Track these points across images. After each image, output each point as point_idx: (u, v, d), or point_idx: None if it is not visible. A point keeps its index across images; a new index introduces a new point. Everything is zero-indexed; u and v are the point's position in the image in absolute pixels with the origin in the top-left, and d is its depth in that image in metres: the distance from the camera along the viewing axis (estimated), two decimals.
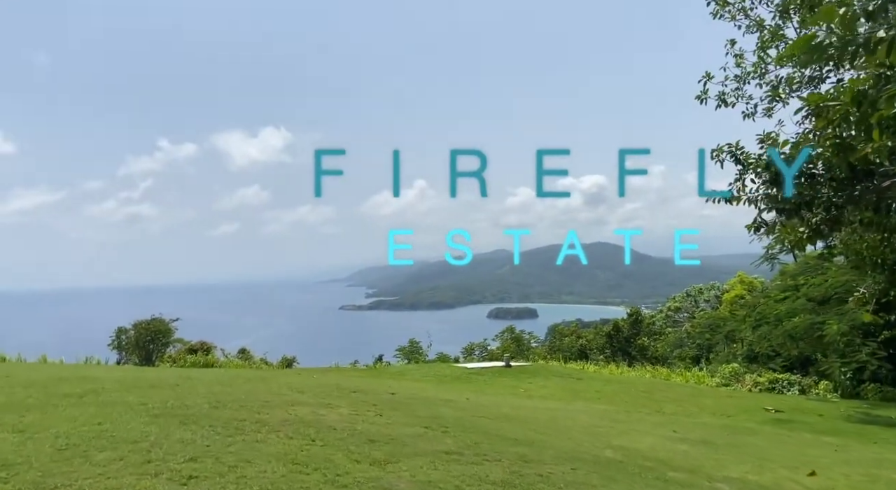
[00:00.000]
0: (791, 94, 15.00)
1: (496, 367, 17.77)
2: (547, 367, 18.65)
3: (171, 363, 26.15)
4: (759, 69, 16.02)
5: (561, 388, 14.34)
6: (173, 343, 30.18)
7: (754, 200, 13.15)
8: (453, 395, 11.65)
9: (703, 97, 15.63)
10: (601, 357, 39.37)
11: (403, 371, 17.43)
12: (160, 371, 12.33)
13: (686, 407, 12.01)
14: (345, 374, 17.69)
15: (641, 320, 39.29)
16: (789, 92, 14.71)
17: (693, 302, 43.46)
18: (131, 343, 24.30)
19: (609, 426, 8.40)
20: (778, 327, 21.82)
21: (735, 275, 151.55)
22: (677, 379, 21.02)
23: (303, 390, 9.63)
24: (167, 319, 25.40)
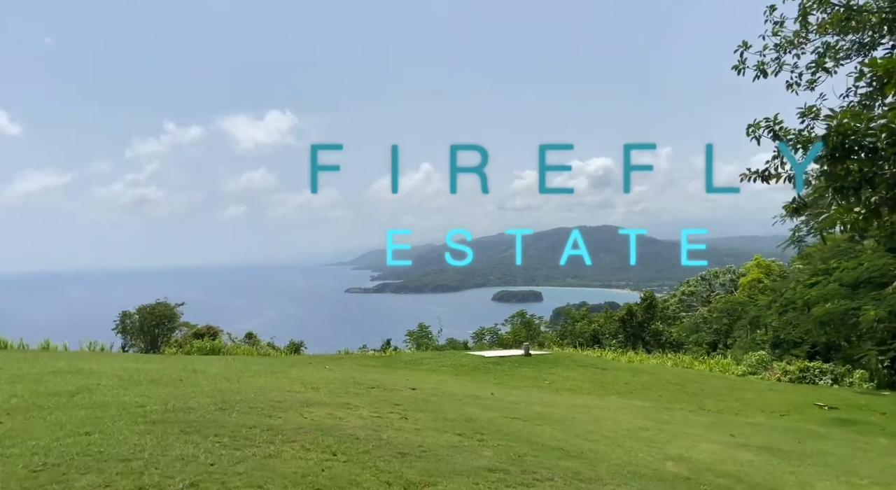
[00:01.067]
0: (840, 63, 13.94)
1: (515, 356, 16.96)
2: (567, 355, 17.85)
3: (177, 348, 25.51)
4: (799, 38, 14.92)
5: (587, 379, 13.53)
6: (179, 327, 29.60)
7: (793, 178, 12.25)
8: (476, 389, 10.84)
9: (741, 67, 14.56)
10: (614, 342, 38.61)
11: (418, 360, 16.63)
12: (163, 363, 11.55)
13: (728, 402, 11.18)
14: (357, 362, 16.90)
15: (656, 305, 38.36)
16: (837, 61, 13.65)
17: (708, 286, 42.48)
18: (135, 328, 23.60)
19: (657, 428, 7.58)
20: (804, 313, 20.92)
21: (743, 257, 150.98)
22: (700, 367, 20.18)
23: (317, 386, 8.81)
24: (172, 304, 24.67)
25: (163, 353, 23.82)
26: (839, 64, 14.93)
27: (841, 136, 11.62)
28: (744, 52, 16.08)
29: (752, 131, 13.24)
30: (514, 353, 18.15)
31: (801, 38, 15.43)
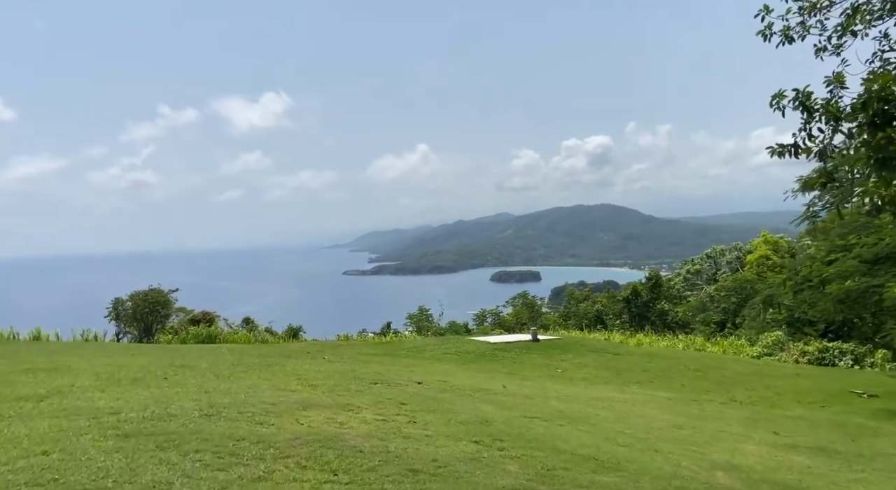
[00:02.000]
0: (871, 25, 13.04)
1: (522, 342, 16.25)
2: (577, 340, 17.13)
3: (172, 335, 24.82)
4: None
5: (601, 366, 12.83)
6: (176, 312, 28.92)
7: (824, 152, 11.51)
8: (486, 381, 10.10)
9: (767, 33, 13.61)
10: (618, 322, 37.97)
11: (421, 347, 15.92)
12: (151, 356, 10.78)
13: (759, 391, 10.50)
14: (357, 350, 16.19)
15: (661, 284, 37.66)
16: (868, 23, 12.75)
17: (713, 264, 41.78)
18: (128, 315, 22.84)
19: (691, 427, 6.85)
20: (821, 291, 20.20)
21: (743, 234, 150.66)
22: (714, 349, 19.53)
23: (315, 383, 8.05)
24: (165, 290, 23.88)
25: (157, 340, 23.11)
26: (870, 26, 13.96)
27: (882, 103, 10.63)
28: (764, 16, 15.08)
29: (777, 102, 12.34)
30: (521, 338, 17.44)
31: None
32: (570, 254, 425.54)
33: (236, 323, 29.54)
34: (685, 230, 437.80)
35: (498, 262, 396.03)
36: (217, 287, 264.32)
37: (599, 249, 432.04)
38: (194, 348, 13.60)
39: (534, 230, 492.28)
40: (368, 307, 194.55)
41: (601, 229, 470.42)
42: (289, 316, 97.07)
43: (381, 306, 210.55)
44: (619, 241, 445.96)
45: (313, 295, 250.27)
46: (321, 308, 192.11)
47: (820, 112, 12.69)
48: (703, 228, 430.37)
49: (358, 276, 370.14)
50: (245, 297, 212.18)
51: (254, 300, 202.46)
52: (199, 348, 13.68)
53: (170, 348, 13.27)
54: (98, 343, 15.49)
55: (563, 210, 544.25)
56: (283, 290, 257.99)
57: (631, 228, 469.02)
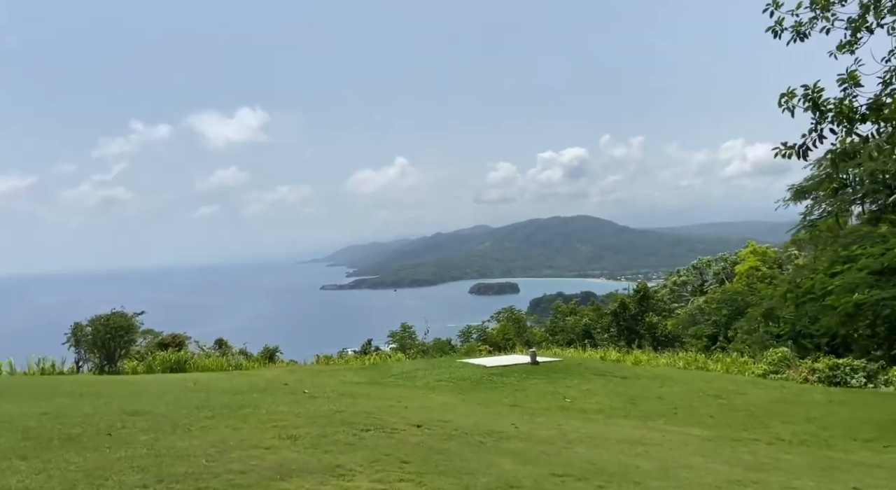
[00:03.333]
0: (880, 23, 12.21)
1: (520, 365, 15.03)
2: (578, 361, 15.93)
3: (138, 361, 23.12)
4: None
5: (612, 393, 11.67)
6: (143, 335, 27.20)
7: (837, 157, 10.59)
8: (492, 419, 8.83)
9: (778, 29, 12.71)
10: (606, 336, 37.03)
11: (410, 373, 14.59)
12: (99, 397, 9.28)
13: (799, 425, 9.38)
14: (340, 377, 14.78)
15: (649, 296, 36.83)
16: (883, 16, 11.90)
17: (699, 275, 41.19)
18: (88, 342, 21.05)
19: (754, 483, 5.68)
20: (824, 304, 19.41)
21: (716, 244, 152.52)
22: (715, 367, 18.54)
23: (295, 432, 6.69)
24: (130, 313, 22.14)
25: (120, 368, 21.37)
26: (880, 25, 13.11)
27: None
28: (773, 12, 14.14)
29: (786, 101, 11.29)
30: (519, 360, 16.19)
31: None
32: (547, 265, 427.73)
33: (208, 345, 27.85)
34: (659, 240, 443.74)
35: (477, 274, 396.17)
36: (191, 304, 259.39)
37: (576, 260, 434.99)
38: (156, 382, 12.08)
39: (511, 242, 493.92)
40: (347, 322, 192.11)
41: (578, 240, 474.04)
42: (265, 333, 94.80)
43: (360, 321, 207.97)
44: (596, 251, 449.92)
45: (290, 310, 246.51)
46: (299, 324, 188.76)
47: (832, 112, 11.49)
48: (677, 239, 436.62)
49: (336, 290, 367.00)
50: (220, 314, 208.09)
51: (229, 316, 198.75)
52: (161, 382, 12.16)
53: (127, 383, 11.74)
54: (47, 377, 13.87)
55: (540, 222, 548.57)
56: (259, 306, 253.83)
57: (607, 239, 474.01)
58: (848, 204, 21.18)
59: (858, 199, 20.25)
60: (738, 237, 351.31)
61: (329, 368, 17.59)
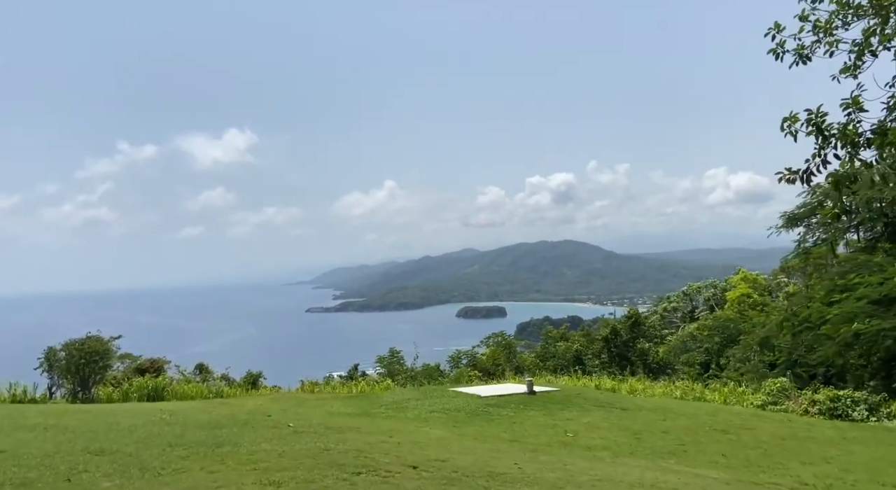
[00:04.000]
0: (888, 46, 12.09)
1: (517, 395, 14.40)
2: (576, 392, 15.29)
3: (114, 387, 22.18)
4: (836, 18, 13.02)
5: (615, 427, 11.09)
6: (122, 359, 26.26)
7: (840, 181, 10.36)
8: (492, 456, 8.22)
9: (780, 51, 12.53)
10: (597, 363, 36.47)
11: (401, 403, 13.91)
12: (65, 432, 8.54)
13: (818, 465, 8.84)
14: (327, 407, 14.06)
15: (641, 322, 36.42)
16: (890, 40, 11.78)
17: (689, 301, 40.92)
18: (62, 367, 20.11)
19: None
20: (814, 332, 19.09)
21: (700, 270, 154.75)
22: (713, 396, 18.04)
23: (278, 478, 6.05)
24: (106, 337, 21.24)
25: (94, 395, 20.42)
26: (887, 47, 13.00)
27: None
28: (775, 35, 13.99)
29: (789, 126, 11.02)
30: (514, 389, 15.56)
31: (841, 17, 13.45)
32: (535, 289, 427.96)
33: (189, 370, 26.93)
34: (645, 266, 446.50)
35: (464, 297, 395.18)
36: (175, 326, 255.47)
37: (563, 285, 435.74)
38: (129, 413, 11.31)
39: (499, 266, 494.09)
40: (333, 345, 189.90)
41: (565, 265, 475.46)
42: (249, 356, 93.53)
43: (346, 344, 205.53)
44: (583, 276, 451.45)
45: (276, 333, 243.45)
46: (284, 347, 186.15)
47: (836, 137, 11.18)
48: (663, 264, 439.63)
49: (322, 312, 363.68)
50: (204, 336, 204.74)
51: (213, 339, 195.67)
52: (134, 412, 11.39)
53: (98, 414, 10.97)
54: (15, 406, 13.00)
55: (528, 246, 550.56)
56: (243, 328, 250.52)
57: (593, 264, 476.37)
58: (843, 232, 21.07)
59: (853, 227, 20.12)
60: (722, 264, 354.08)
61: (315, 397, 16.83)
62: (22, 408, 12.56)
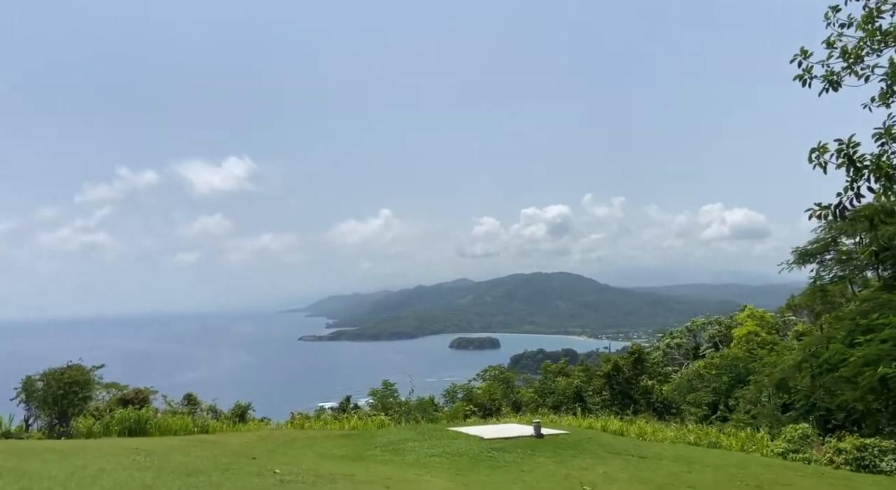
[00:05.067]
0: None
1: (522, 438, 13.33)
2: (588, 436, 14.16)
3: (95, 419, 20.99)
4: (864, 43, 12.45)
5: (635, 479, 10.05)
6: (108, 388, 25.11)
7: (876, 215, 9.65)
8: None
9: (807, 77, 11.90)
10: (598, 400, 35.26)
11: (397, 444, 12.85)
12: (21, 479, 7.53)
13: None
14: (318, 448, 12.99)
15: (644, 359, 35.33)
16: None
17: (692, 337, 39.91)
18: (39, 398, 18.95)
19: None
20: (835, 374, 18.15)
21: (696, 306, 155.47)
22: (728, 442, 16.98)
23: None
24: (87, 367, 20.11)
25: (72, 429, 19.22)
26: None
27: None
28: (801, 61, 13.40)
29: (817, 157, 10.23)
30: (519, 431, 14.49)
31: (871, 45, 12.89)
32: (528, 321, 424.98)
33: (176, 400, 25.76)
34: (639, 300, 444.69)
35: (457, 328, 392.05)
36: (167, 352, 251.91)
37: (557, 317, 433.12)
38: (100, 453, 10.24)
39: (493, 297, 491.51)
40: (325, 375, 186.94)
41: (559, 297, 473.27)
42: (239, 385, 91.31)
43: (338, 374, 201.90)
44: (577, 309, 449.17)
45: (267, 361, 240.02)
46: (275, 376, 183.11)
47: (870, 169, 10.28)
48: (657, 299, 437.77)
49: (314, 341, 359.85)
50: (195, 363, 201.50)
51: (204, 366, 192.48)
52: (107, 452, 10.32)
53: (67, 455, 9.91)
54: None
55: (522, 277, 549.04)
56: (235, 356, 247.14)
57: (587, 297, 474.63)
58: (861, 269, 20.36)
59: (873, 264, 19.40)
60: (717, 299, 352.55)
61: (305, 435, 15.72)
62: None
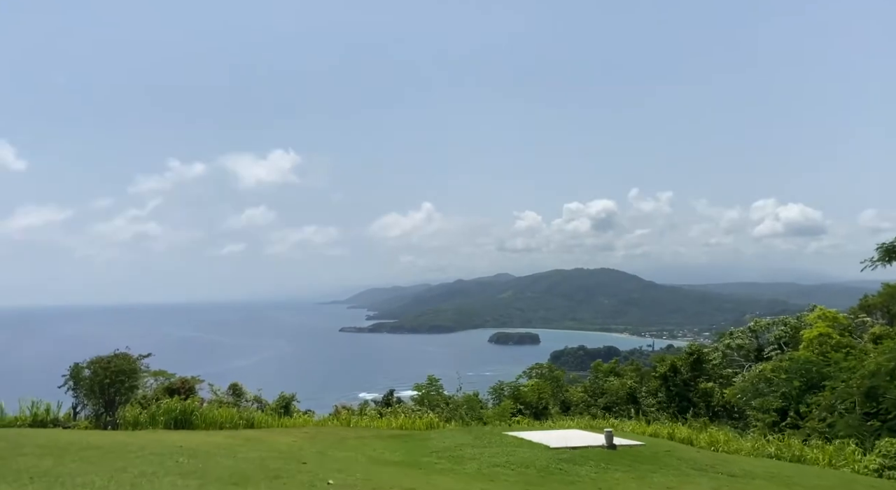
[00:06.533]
0: None
1: (593, 448, 12.09)
2: (664, 448, 12.76)
3: (142, 409, 20.71)
4: None
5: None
6: (155, 375, 25.03)
7: None
8: None
9: None
10: (653, 401, 33.59)
11: (455, 450, 11.84)
12: (52, 481, 6.79)
13: None
14: (369, 450, 12.09)
15: (704, 360, 33.45)
16: None
17: (755, 338, 37.60)
18: (87, 386, 18.67)
19: None
20: None
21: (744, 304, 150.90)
22: (814, 455, 15.39)
23: None
24: (134, 356, 19.74)
25: (118, 418, 18.91)
26: None
27: None
28: None
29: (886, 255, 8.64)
30: (587, 439, 13.21)
31: None
32: (569, 317, 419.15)
33: (222, 390, 25.50)
34: (685, 298, 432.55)
35: (497, 323, 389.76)
36: (212, 341, 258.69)
37: (599, 314, 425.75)
38: (142, 453, 9.53)
39: (533, 292, 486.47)
40: (366, 366, 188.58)
41: (601, 293, 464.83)
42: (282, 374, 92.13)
43: (379, 365, 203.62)
44: (619, 306, 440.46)
45: (309, 351, 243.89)
46: (316, 366, 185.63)
47: None
48: (704, 297, 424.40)
49: (355, 332, 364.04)
50: (240, 352, 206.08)
51: (249, 355, 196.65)
52: (149, 451, 9.60)
53: (107, 451, 9.23)
54: (22, 433, 11.42)
55: (564, 273, 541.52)
56: (278, 346, 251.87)
57: (631, 294, 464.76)
58: None
59: None
60: (767, 298, 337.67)
61: (354, 434, 14.86)
62: (27, 436, 11.00)
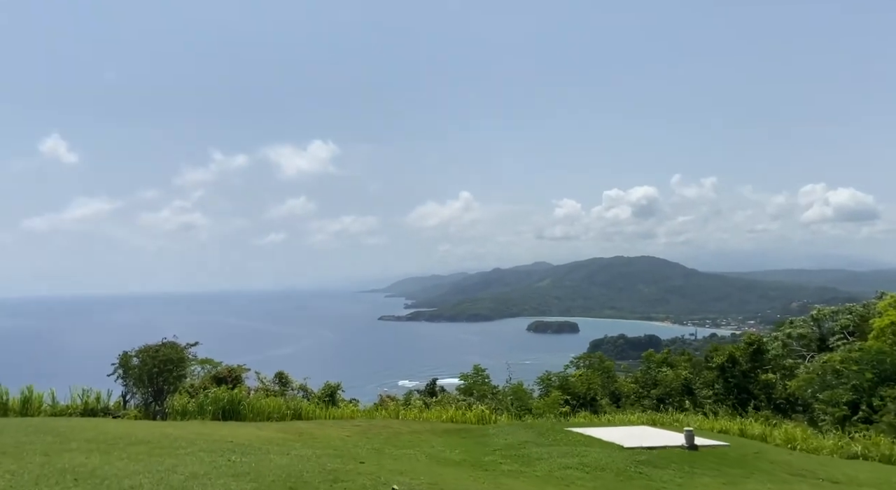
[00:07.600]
0: None
1: (671, 448, 11.09)
2: (753, 450, 11.58)
3: (190, 397, 20.62)
4: None
5: None
6: (202, 363, 25.09)
7: None
8: None
9: None
10: (709, 393, 32.07)
11: (518, 448, 11.03)
12: (98, 483, 6.23)
13: None
14: (427, 447, 11.37)
15: (764, 351, 31.71)
16: None
17: (817, 327, 35.58)
18: (135, 375, 18.58)
19: None
20: None
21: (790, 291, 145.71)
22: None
23: None
24: (181, 344, 19.57)
25: (167, 408, 18.79)
26: None
27: None
28: None
29: None
30: (664, 438, 12.18)
31: None
32: (608, 306, 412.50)
33: (268, 378, 25.35)
34: (729, 285, 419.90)
35: (535, 311, 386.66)
36: (257, 329, 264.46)
37: (640, 302, 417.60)
38: (192, 447, 8.98)
39: (572, 280, 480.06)
40: (406, 354, 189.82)
41: (642, 282, 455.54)
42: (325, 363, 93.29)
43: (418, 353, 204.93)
44: (661, 294, 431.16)
45: (349, 339, 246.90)
46: (357, 354, 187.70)
47: None
48: (748, 284, 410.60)
49: (394, 321, 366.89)
50: (283, 340, 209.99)
51: (291, 343, 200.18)
52: (199, 446, 9.06)
53: (154, 447, 8.73)
54: (70, 423, 11.15)
55: (603, 261, 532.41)
56: (319, 334, 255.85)
57: (673, 282, 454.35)
58: None
59: None
60: (815, 285, 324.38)
61: (407, 428, 14.19)
62: (75, 429, 10.65)
